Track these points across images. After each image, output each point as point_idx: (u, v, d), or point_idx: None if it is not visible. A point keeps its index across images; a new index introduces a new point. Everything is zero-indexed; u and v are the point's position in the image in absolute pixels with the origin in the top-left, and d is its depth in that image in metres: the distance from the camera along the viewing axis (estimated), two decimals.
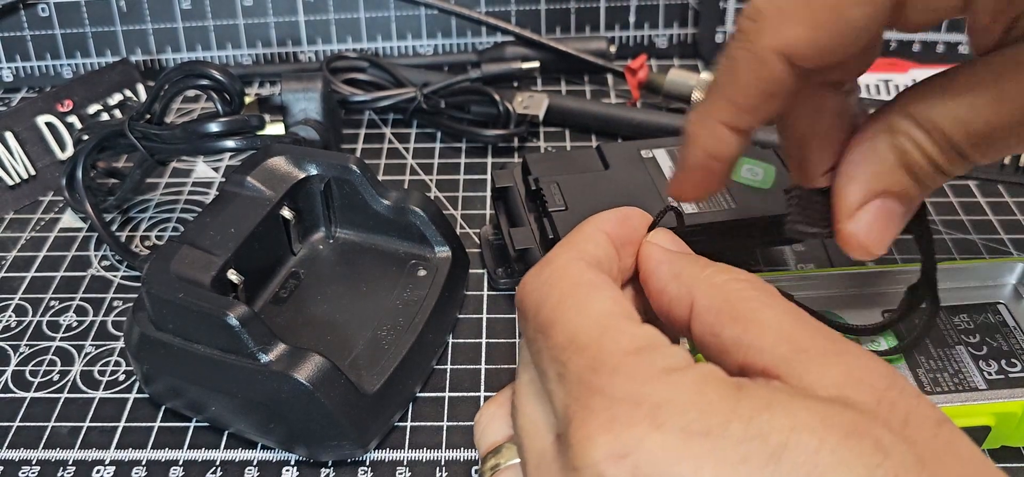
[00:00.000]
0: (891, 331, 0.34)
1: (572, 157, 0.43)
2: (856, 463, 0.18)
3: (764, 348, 0.21)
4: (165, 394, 0.35)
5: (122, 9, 0.58)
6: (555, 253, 0.25)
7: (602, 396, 0.20)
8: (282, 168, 0.39)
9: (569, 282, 0.23)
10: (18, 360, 0.39)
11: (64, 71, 0.59)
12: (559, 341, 0.22)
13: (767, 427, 0.18)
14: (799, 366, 0.20)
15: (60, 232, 0.46)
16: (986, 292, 0.36)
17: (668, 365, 0.20)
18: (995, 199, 0.46)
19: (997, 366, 0.32)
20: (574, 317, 0.22)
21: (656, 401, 0.19)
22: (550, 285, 0.23)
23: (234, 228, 0.36)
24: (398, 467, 0.33)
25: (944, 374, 0.32)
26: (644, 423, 0.19)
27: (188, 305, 0.32)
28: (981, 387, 0.32)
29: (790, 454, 0.18)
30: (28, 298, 0.42)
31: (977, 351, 0.33)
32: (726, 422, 0.19)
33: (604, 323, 0.22)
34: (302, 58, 0.60)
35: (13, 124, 0.49)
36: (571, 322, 0.22)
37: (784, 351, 0.20)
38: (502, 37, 0.59)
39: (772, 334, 0.21)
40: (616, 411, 0.20)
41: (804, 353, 0.20)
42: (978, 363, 0.33)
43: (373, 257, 0.40)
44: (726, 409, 0.19)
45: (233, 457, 0.34)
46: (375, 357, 0.35)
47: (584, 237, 0.25)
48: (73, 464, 0.34)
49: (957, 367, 0.32)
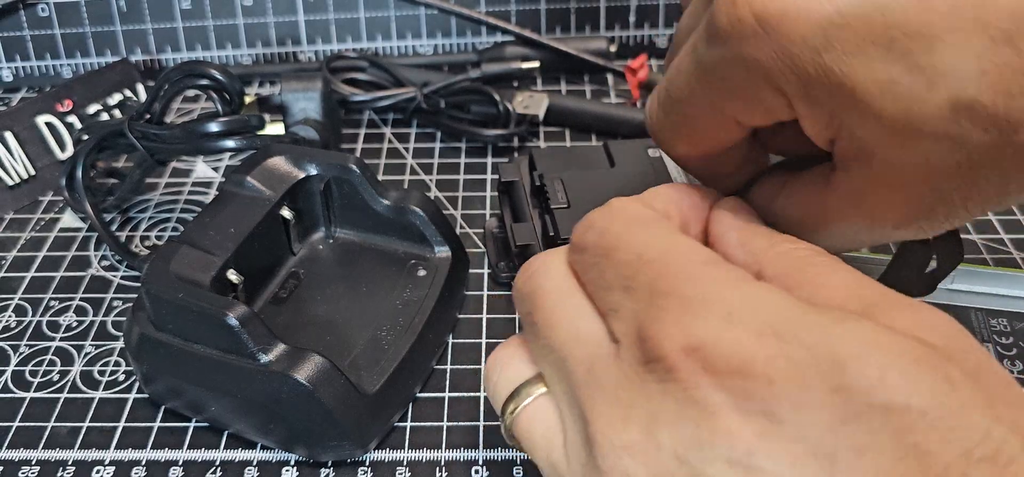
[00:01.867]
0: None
1: (578, 153, 0.43)
2: (924, 387, 0.18)
3: (834, 305, 0.21)
4: (165, 394, 0.35)
5: (122, 9, 0.58)
6: (618, 201, 0.25)
7: (675, 297, 0.21)
8: (282, 168, 0.39)
9: (633, 215, 0.24)
10: (18, 360, 0.38)
11: (64, 71, 0.59)
12: (626, 258, 0.23)
13: (838, 342, 0.19)
14: (872, 317, 0.20)
15: (60, 232, 0.46)
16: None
17: (738, 275, 0.21)
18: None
19: (1022, 367, 0.33)
20: (642, 238, 0.23)
21: (729, 302, 0.20)
22: (611, 219, 0.24)
23: (234, 228, 0.36)
24: (398, 467, 0.33)
25: None
26: (718, 320, 0.20)
27: (188, 305, 0.32)
28: None
29: (856, 366, 0.18)
30: (28, 298, 0.42)
31: (1006, 352, 0.34)
32: (797, 330, 0.19)
33: (671, 242, 0.23)
34: (302, 58, 0.60)
35: (13, 124, 0.49)
36: (638, 241, 0.23)
37: (855, 306, 0.21)
38: (502, 37, 0.59)
39: (841, 292, 0.21)
40: (690, 309, 0.20)
41: (875, 306, 0.21)
42: (1004, 362, 0.34)
43: (373, 257, 0.40)
44: (797, 319, 0.19)
45: (233, 457, 0.34)
46: (375, 357, 0.35)
47: (653, 195, 0.26)
48: (73, 464, 0.34)
49: None
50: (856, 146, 0.22)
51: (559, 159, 0.42)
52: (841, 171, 0.24)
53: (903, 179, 0.22)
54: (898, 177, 0.22)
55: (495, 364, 0.26)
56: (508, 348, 0.26)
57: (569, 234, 0.37)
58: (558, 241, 0.37)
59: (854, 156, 0.23)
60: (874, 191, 0.23)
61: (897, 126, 0.21)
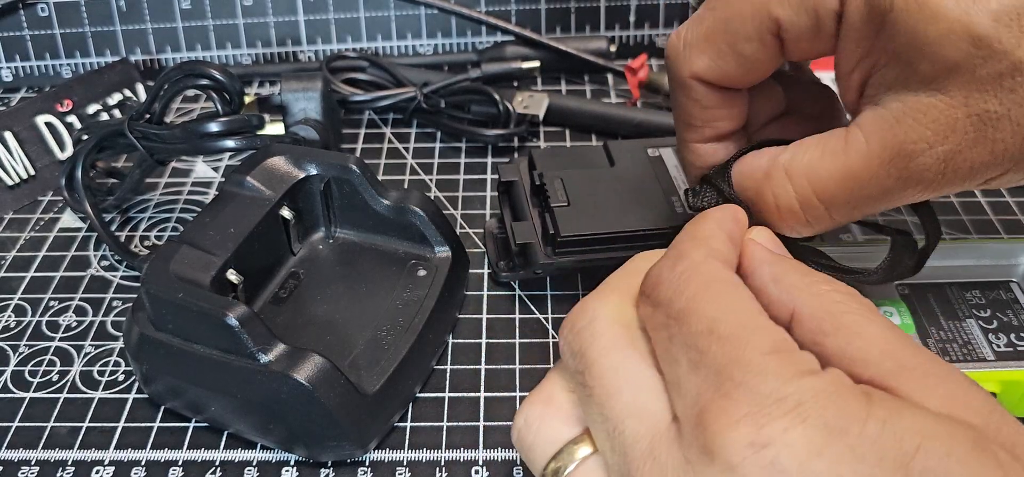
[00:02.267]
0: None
1: (578, 153, 0.43)
2: (981, 472, 0.18)
3: (869, 361, 0.22)
4: (164, 394, 0.35)
5: (121, 9, 0.58)
6: (687, 248, 0.25)
7: (745, 389, 0.20)
8: (282, 168, 0.39)
9: (707, 278, 0.24)
10: (17, 360, 0.38)
11: (63, 71, 0.59)
12: (698, 329, 0.22)
13: (900, 430, 0.19)
14: (906, 382, 0.21)
15: (59, 232, 0.46)
16: (999, 270, 0.37)
17: (805, 367, 0.21)
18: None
19: (1006, 339, 0.33)
20: (714, 309, 0.22)
21: (798, 399, 0.20)
22: (687, 279, 0.24)
23: (233, 228, 0.36)
24: (398, 467, 0.33)
25: (953, 344, 0.33)
26: (788, 417, 0.20)
27: (187, 305, 0.32)
28: (989, 358, 0.32)
29: (922, 457, 0.19)
30: (27, 298, 0.42)
31: (987, 325, 0.34)
32: (863, 422, 0.19)
33: (745, 319, 0.22)
34: (302, 58, 0.60)
35: (12, 124, 0.49)
36: (710, 313, 0.22)
37: (889, 366, 0.21)
38: (502, 37, 0.59)
39: (877, 348, 0.22)
40: (760, 404, 0.20)
41: (908, 371, 0.21)
42: (987, 336, 0.33)
43: (373, 257, 0.40)
44: (861, 411, 0.20)
45: (232, 457, 0.34)
46: (375, 357, 0.35)
47: (711, 235, 0.26)
48: (72, 464, 0.34)
49: (966, 338, 0.33)
50: (896, 72, 0.25)
51: (559, 159, 0.42)
52: (871, 112, 0.26)
53: (939, 105, 0.24)
54: (933, 105, 0.24)
55: (530, 423, 0.25)
56: (540, 404, 0.26)
57: (569, 232, 0.37)
58: (558, 239, 0.37)
59: (891, 85, 0.25)
60: (906, 125, 0.25)
61: (954, 30, 0.23)
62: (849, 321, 0.22)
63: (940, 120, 0.25)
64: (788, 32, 0.27)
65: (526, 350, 0.38)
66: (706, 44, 0.29)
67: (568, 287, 0.41)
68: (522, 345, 0.38)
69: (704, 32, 0.29)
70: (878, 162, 0.26)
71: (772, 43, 0.28)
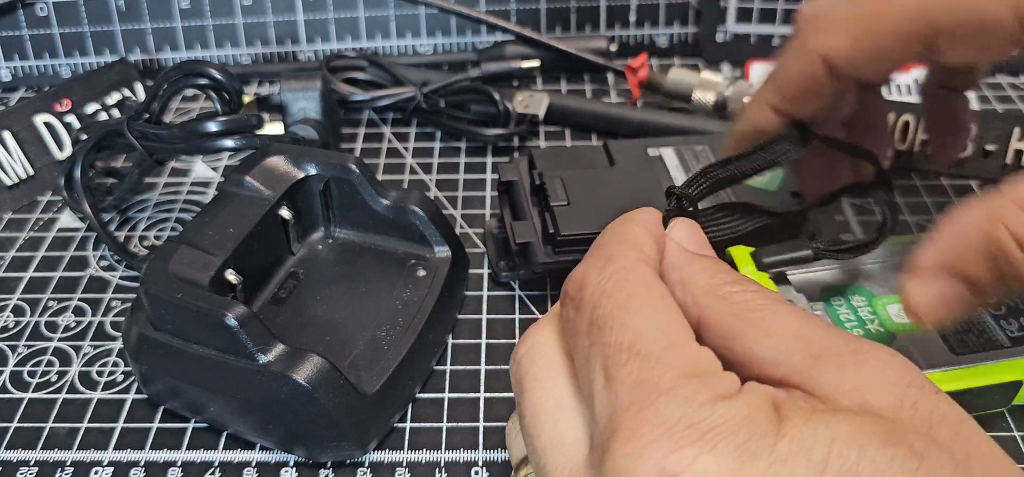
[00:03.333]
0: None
1: (578, 153, 0.43)
2: (895, 469, 0.18)
3: (779, 360, 0.21)
4: (163, 395, 0.35)
5: (120, 8, 0.58)
6: (617, 251, 0.24)
7: (655, 412, 0.20)
8: (281, 168, 0.39)
9: (636, 285, 0.23)
10: (16, 360, 0.38)
11: (62, 70, 0.59)
12: (618, 341, 0.21)
13: (809, 442, 0.18)
14: (817, 374, 0.20)
15: (58, 232, 0.46)
16: None
17: (721, 391, 0.20)
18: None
19: (1017, 324, 0.34)
20: (638, 321, 0.22)
21: (709, 425, 0.19)
22: (615, 284, 0.23)
23: (233, 228, 0.36)
24: (397, 468, 0.33)
25: (970, 335, 0.33)
26: (696, 445, 0.19)
27: (186, 305, 0.32)
28: (1006, 344, 0.33)
29: (833, 465, 0.18)
30: (26, 298, 0.42)
31: (997, 312, 0.34)
32: (774, 443, 0.19)
33: (669, 336, 0.22)
34: (301, 57, 0.60)
35: (11, 124, 0.49)
36: (634, 325, 0.22)
37: (798, 360, 0.21)
38: (502, 36, 0.59)
39: (784, 343, 0.21)
40: (668, 430, 0.19)
41: (818, 360, 0.20)
42: (999, 322, 0.34)
43: (372, 257, 0.40)
44: (772, 430, 0.19)
45: (232, 458, 0.34)
46: (374, 358, 0.35)
47: (641, 238, 0.25)
48: (71, 465, 0.34)
49: (981, 328, 0.34)
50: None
51: (559, 159, 0.42)
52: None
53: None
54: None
55: (508, 431, 0.27)
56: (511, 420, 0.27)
57: (569, 231, 0.37)
58: (558, 238, 0.37)
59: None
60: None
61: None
62: (755, 319, 0.22)
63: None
64: (945, 37, 0.27)
65: None
66: (848, 26, 0.29)
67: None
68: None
69: (850, 14, 0.29)
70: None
71: (917, 47, 0.28)
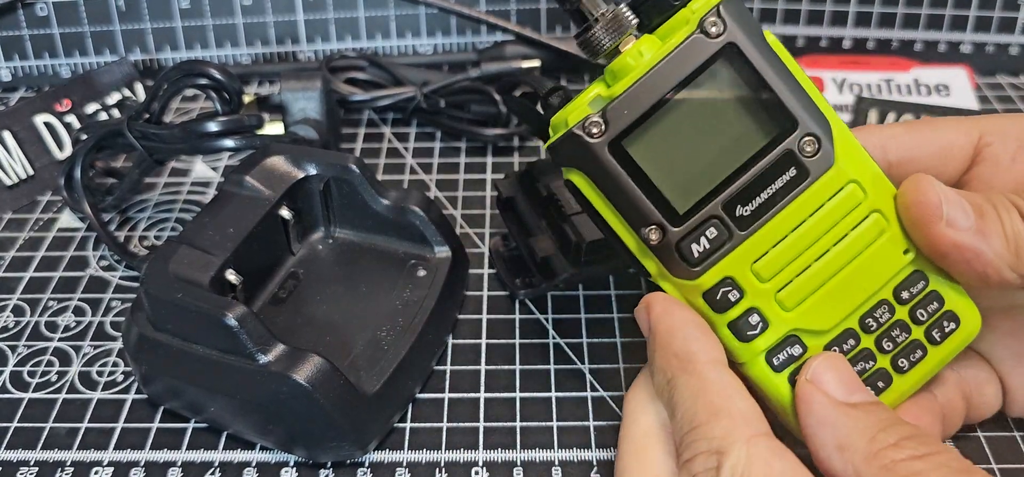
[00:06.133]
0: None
1: None
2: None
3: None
4: (163, 395, 0.35)
5: (120, 8, 0.58)
6: (726, 432, 0.24)
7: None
8: (281, 168, 0.39)
9: (751, 441, 0.24)
10: (16, 360, 0.38)
11: (62, 70, 0.59)
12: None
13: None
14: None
15: (58, 232, 0.46)
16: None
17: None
18: None
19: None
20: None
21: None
22: (730, 442, 0.24)
23: (233, 228, 0.36)
24: (397, 468, 0.33)
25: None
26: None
27: (186, 305, 0.32)
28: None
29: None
30: (26, 298, 0.42)
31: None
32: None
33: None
34: (301, 57, 0.60)
35: (11, 124, 0.49)
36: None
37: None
38: (502, 36, 0.59)
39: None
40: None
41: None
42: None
43: (372, 257, 0.40)
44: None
45: (232, 458, 0.34)
46: (374, 358, 0.35)
47: (730, 387, 0.26)
48: (71, 465, 0.34)
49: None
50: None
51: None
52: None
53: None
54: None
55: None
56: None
57: (594, 236, 0.36)
58: (583, 246, 0.36)
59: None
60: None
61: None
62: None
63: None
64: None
65: (526, 351, 0.38)
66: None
67: (568, 287, 0.41)
68: (522, 346, 0.38)
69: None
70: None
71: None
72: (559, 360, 0.37)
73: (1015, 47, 0.57)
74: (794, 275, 0.28)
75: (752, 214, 0.27)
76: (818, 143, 0.27)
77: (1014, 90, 0.56)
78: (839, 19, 0.57)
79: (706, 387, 0.25)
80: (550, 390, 0.36)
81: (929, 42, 0.57)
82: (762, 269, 0.28)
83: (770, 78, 0.27)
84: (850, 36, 0.57)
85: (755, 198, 0.27)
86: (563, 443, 0.34)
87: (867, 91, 0.54)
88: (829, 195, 0.27)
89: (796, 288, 0.28)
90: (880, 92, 0.54)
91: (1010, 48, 0.57)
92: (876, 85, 0.55)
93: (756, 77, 0.27)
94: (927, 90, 0.55)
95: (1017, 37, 0.56)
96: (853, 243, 0.28)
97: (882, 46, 0.57)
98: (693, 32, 0.27)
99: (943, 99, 0.54)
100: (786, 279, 0.28)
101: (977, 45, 0.57)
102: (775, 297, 0.28)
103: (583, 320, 0.39)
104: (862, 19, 0.57)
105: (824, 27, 0.57)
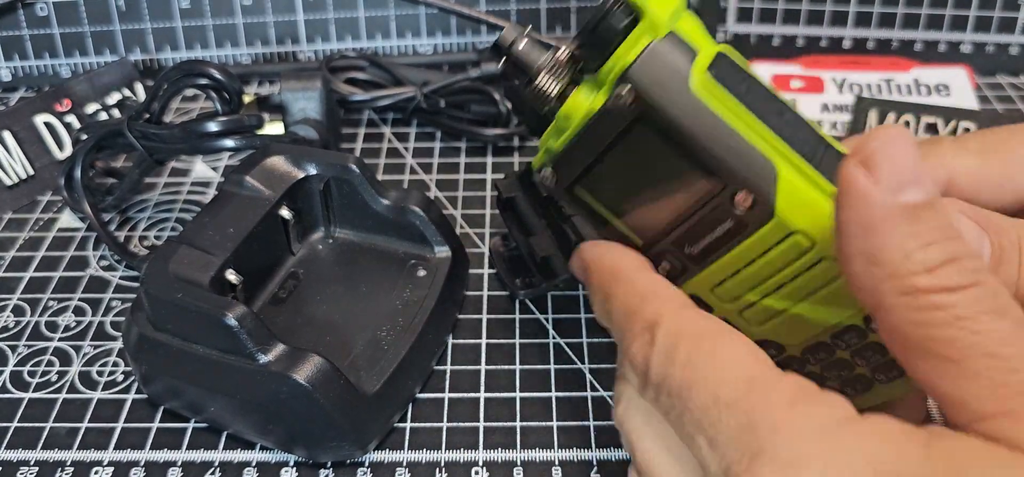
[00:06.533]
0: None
1: None
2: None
3: (969, 405, 0.19)
4: (163, 395, 0.35)
5: (120, 8, 0.58)
6: (651, 311, 0.24)
7: (766, 457, 0.19)
8: (281, 168, 0.39)
9: (692, 338, 0.23)
10: (16, 360, 0.38)
11: (62, 70, 0.59)
12: (702, 403, 0.21)
13: (962, 458, 0.18)
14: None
15: (58, 232, 0.46)
16: None
17: (833, 417, 0.19)
18: None
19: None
20: (712, 374, 0.22)
21: (825, 458, 0.19)
22: (672, 349, 0.23)
23: (233, 228, 0.36)
24: (398, 468, 0.33)
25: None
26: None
27: (186, 305, 0.32)
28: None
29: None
30: (26, 298, 0.42)
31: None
32: (924, 453, 0.18)
33: (747, 374, 0.21)
34: (301, 57, 0.60)
35: (11, 124, 0.49)
36: (710, 380, 0.21)
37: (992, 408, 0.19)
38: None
39: (984, 389, 0.19)
40: (787, 472, 0.19)
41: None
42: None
43: (372, 257, 0.40)
44: (918, 457, 0.18)
45: (232, 458, 0.34)
46: (374, 358, 0.35)
47: (652, 284, 0.26)
48: (71, 465, 0.34)
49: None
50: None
51: None
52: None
53: None
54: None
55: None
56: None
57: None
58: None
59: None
60: None
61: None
62: (946, 349, 0.21)
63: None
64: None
65: (526, 350, 0.38)
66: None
67: (567, 287, 0.41)
68: (522, 345, 0.38)
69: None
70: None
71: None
72: (559, 360, 0.37)
73: (1015, 47, 0.57)
74: (756, 300, 0.27)
75: (700, 253, 0.27)
76: (752, 197, 0.25)
77: (1014, 90, 0.56)
78: (839, 19, 0.57)
79: (636, 285, 0.26)
80: (550, 390, 0.36)
81: (929, 42, 0.57)
82: (723, 293, 0.28)
83: (694, 137, 0.25)
84: (850, 36, 0.57)
85: (699, 242, 0.27)
86: (563, 443, 0.34)
87: (867, 91, 0.54)
88: (769, 245, 0.26)
89: (758, 312, 0.28)
90: (880, 92, 0.54)
91: (1010, 48, 0.57)
92: (876, 85, 0.55)
93: (678, 136, 0.26)
94: (927, 90, 0.55)
95: (1017, 37, 0.56)
96: (806, 284, 0.26)
97: (882, 46, 0.57)
98: (608, 99, 0.26)
99: (943, 99, 0.54)
100: (747, 303, 0.28)
101: (977, 45, 0.57)
102: (742, 315, 0.28)
103: (583, 320, 0.39)
104: (862, 19, 0.57)
105: (824, 27, 0.57)
